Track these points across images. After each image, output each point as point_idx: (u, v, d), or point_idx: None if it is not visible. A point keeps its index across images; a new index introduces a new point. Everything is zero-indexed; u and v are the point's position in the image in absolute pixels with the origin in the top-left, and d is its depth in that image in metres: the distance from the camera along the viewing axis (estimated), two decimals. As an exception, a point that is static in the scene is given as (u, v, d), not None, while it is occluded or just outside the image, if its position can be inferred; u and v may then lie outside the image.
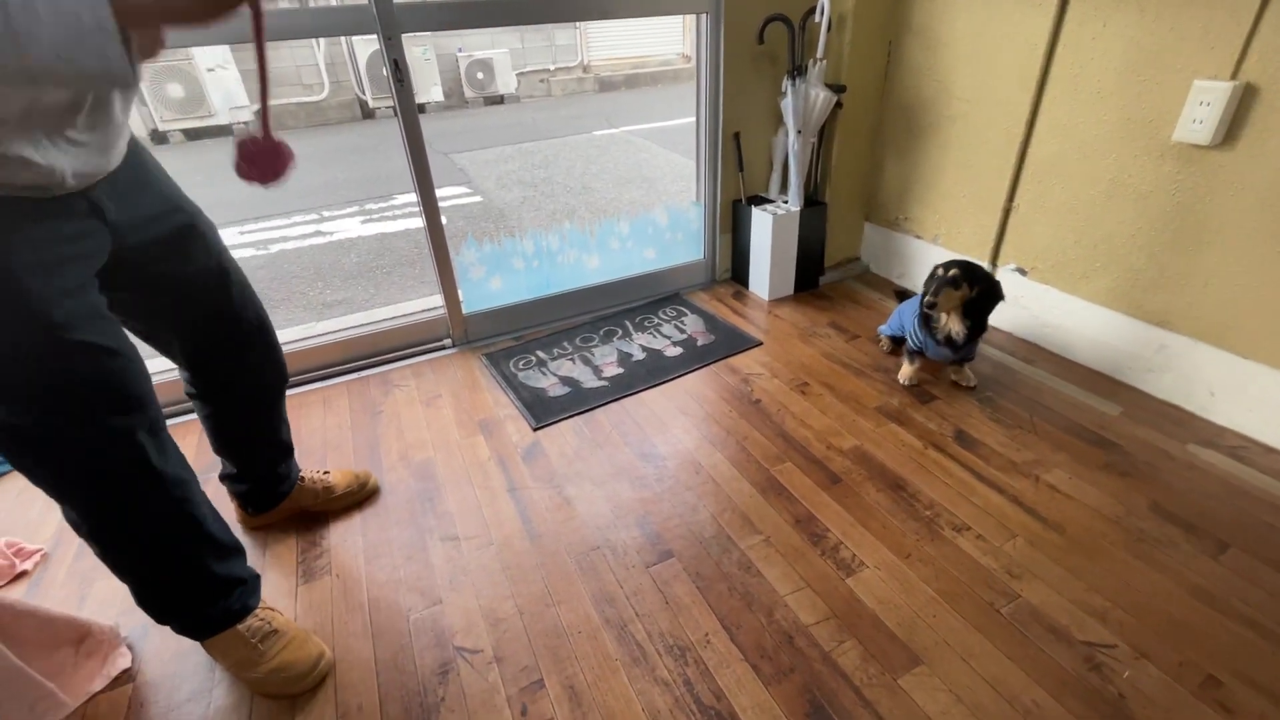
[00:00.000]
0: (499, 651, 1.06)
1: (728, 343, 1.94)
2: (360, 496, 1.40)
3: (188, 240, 0.99)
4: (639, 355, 1.91)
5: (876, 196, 2.24)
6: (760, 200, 2.17)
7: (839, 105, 1.99)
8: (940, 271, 1.51)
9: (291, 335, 1.92)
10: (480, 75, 8.01)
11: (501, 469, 1.48)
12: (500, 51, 8.02)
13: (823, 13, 1.84)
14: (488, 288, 2.03)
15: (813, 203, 2.17)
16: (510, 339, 2.04)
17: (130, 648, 1.09)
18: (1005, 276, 1.88)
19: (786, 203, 2.11)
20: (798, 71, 1.89)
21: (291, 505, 1.34)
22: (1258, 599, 1.08)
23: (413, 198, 1.81)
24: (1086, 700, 0.94)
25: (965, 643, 1.03)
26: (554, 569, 1.21)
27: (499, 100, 8.30)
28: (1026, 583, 1.13)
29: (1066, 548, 1.19)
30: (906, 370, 1.70)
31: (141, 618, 1.11)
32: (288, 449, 1.30)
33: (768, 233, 2.06)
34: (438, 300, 1.97)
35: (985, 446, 1.46)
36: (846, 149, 2.12)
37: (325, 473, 1.39)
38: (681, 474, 1.44)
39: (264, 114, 0.85)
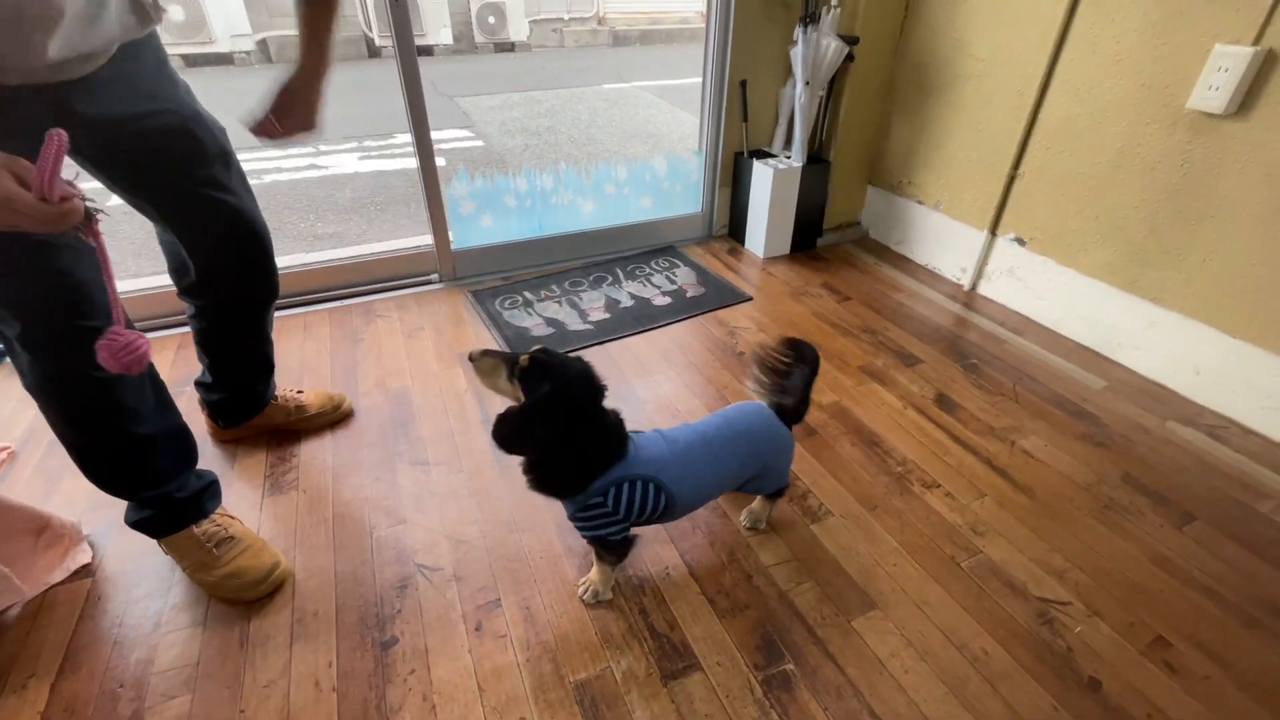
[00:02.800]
0: (459, 571, 1.07)
1: (717, 296, 1.92)
2: (333, 418, 1.40)
3: (180, 140, 0.95)
4: (627, 302, 1.89)
5: (881, 158, 2.19)
6: (763, 154, 2.12)
7: (850, 57, 1.93)
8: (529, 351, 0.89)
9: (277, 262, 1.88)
10: (492, 20, 7.77)
11: (478, 401, 1.47)
12: (514, -4, 7.77)
13: (840, -44, 1.77)
14: (478, 225, 1.99)
15: (816, 160, 2.12)
16: (498, 278, 2.01)
17: (92, 545, 1.09)
18: (1003, 246, 1.85)
19: (789, 158, 2.06)
20: (810, 18, 1.83)
21: (263, 421, 1.33)
22: (1217, 569, 1.08)
23: (408, 136, 1.75)
24: (1035, 651, 0.95)
25: (922, 591, 1.04)
26: (520, 499, 1.21)
27: (510, 47, 8.08)
28: (990, 540, 1.13)
29: (1034, 510, 1.20)
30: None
31: (105, 516, 1.12)
32: (268, 366, 1.29)
33: (768, 187, 2.02)
34: (428, 236, 1.93)
35: (965, 410, 1.45)
36: (855, 105, 2.06)
37: (299, 392, 1.38)
38: (658, 417, 1.43)
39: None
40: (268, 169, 3.55)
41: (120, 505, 1.02)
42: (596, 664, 0.93)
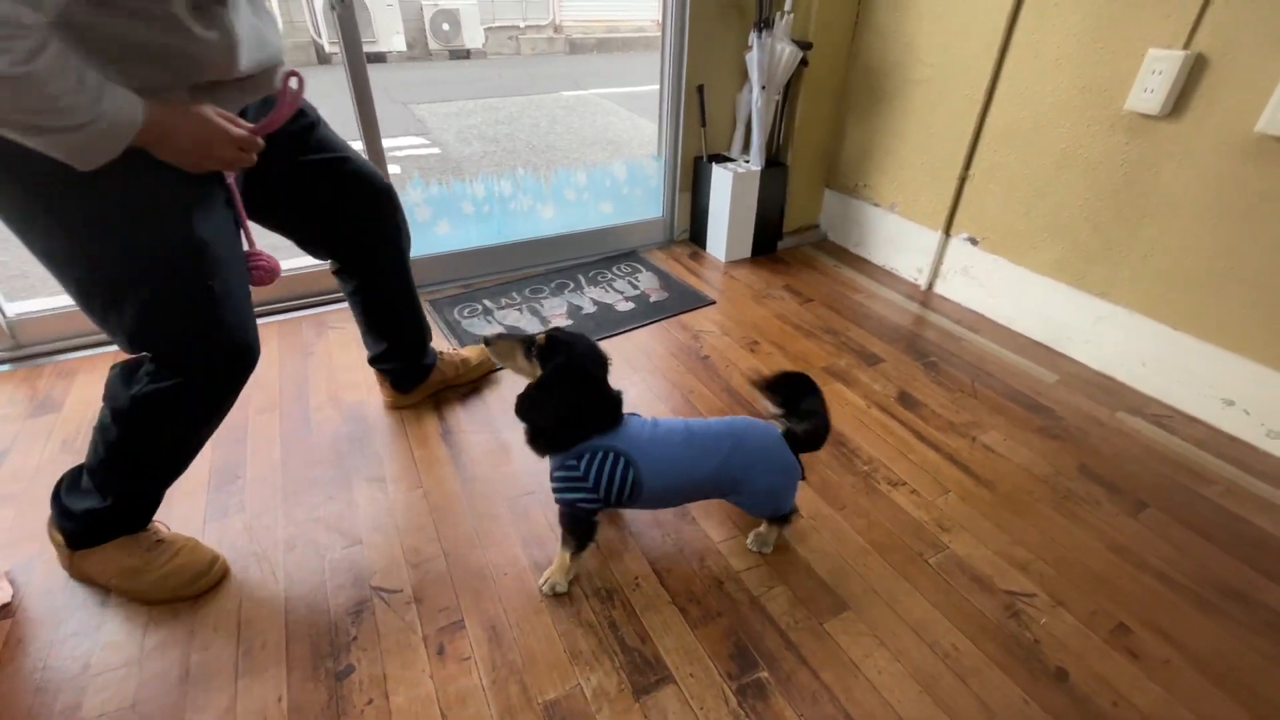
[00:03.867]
0: (419, 592, 1.02)
1: (681, 300, 1.91)
2: (490, 368, 1.53)
3: (310, 127, 1.03)
4: (589, 308, 1.86)
5: (837, 161, 2.22)
6: (722, 159, 2.13)
7: (804, 62, 1.95)
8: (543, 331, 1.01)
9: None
10: (446, 26, 7.68)
11: (436, 413, 1.42)
12: (468, 2, 7.70)
13: (792, -37, 1.79)
14: (434, 232, 1.94)
15: (774, 164, 2.13)
16: (457, 286, 1.96)
17: (12, 582, 1.01)
18: (957, 246, 1.90)
19: (748, 162, 2.07)
20: (764, 24, 1.84)
21: (437, 378, 1.43)
22: (1169, 554, 1.11)
23: (383, 144, 1.70)
24: (1003, 644, 0.96)
25: (892, 590, 1.04)
26: (484, 513, 1.17)
27: (465, 55, 7.99)
28: (955, 535, 1.14)
29: (996, 503, 1.21)
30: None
31: (26, 550, 1.04)
32: (426, 326, 1.38)
33: (727, 191, 2.02)
34: (381, 242, 1.87)
35: (926, 408, 1.47)
36: (810, 110, 2.09)
37: (455, 350, 1.52)
38: (623, 424, 1.40)
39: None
40: (211, 178, 3.40)
41: (42, 541, 0.94)
42: (566, 683, 0.89)
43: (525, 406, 0.96)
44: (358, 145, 1.37)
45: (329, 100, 1.60)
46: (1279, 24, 1.17)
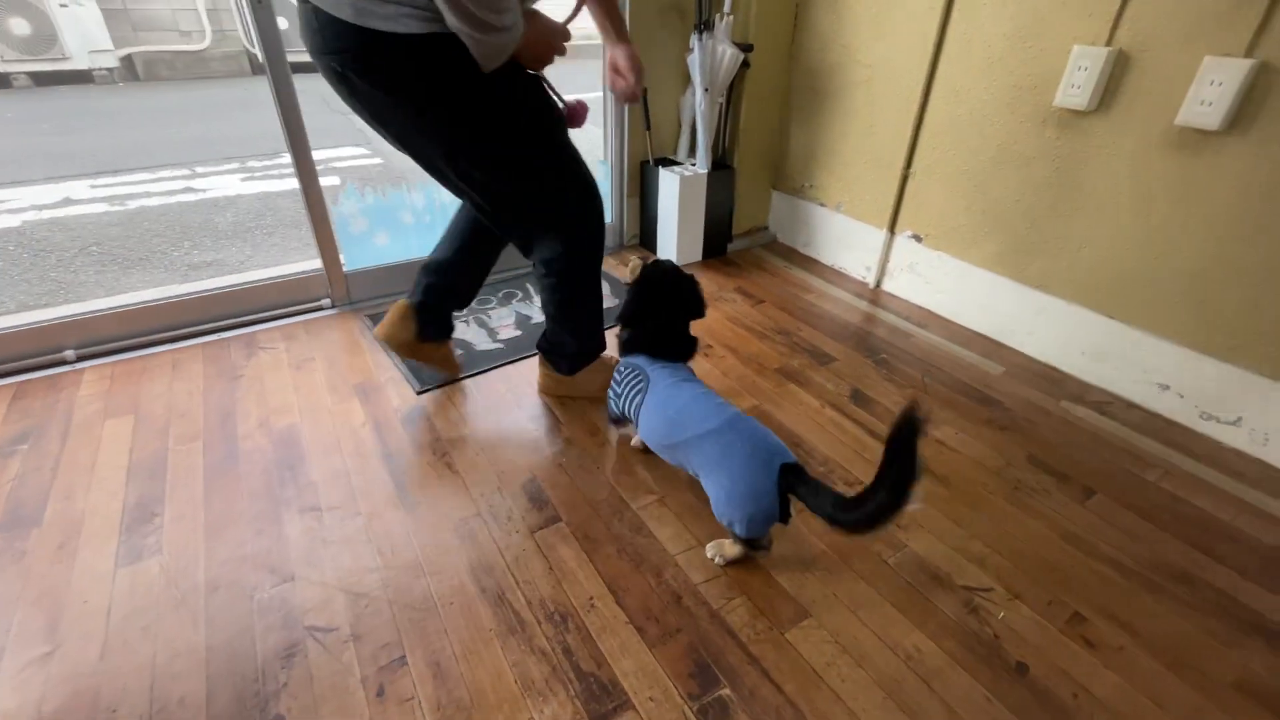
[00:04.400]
0: (357, 629, 0.95)
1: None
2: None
3: None
4: (538, 318, 1.81)
5: (783, 162, 2.23)
6: (668, 162, 2.11)
7: (746, 64, 1.95)
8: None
9: (137, 298, 1.67)
10: (387, 35, 7.50)
11: (377, 435, 1.34)
12: (409, 11, 7.53)
13: (730, -35, 1.79)
14: (372, 244, 1.86)
15: (721, 166, 2.13)
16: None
17: None
18: (902, 244, 1.92)
19: (694, 165, 2.06)
20: (705, 26, 1.83)
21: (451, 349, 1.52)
22: (1117, 539, 1.13)
23: (312, 156, 1.62)
24: (964, 642, 0.95)
25: (852, 593, 1.02)
26: (428, 539, 1.10)
27: (408, 64, 7.81)
28: (913, 533, 1.13)
29: (950, 498, 1.21)
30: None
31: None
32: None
33: (675, 195, 2.00)
34: (318, 260, 1.78)
35: (879, 405, 1.47)
36: (754, 112, 2.09)
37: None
38: (576, 436, 1.36)
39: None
40: (134, 194, 3.21)
41: None
42: (518, 717, 0.84)
43: (628, 317, 1.21)
44: (284, 158, 1.31)
45: (261, 110, 1.52)
46: (1191, 20, 1.22)
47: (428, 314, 1.36)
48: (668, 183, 2.02)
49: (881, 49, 1.79)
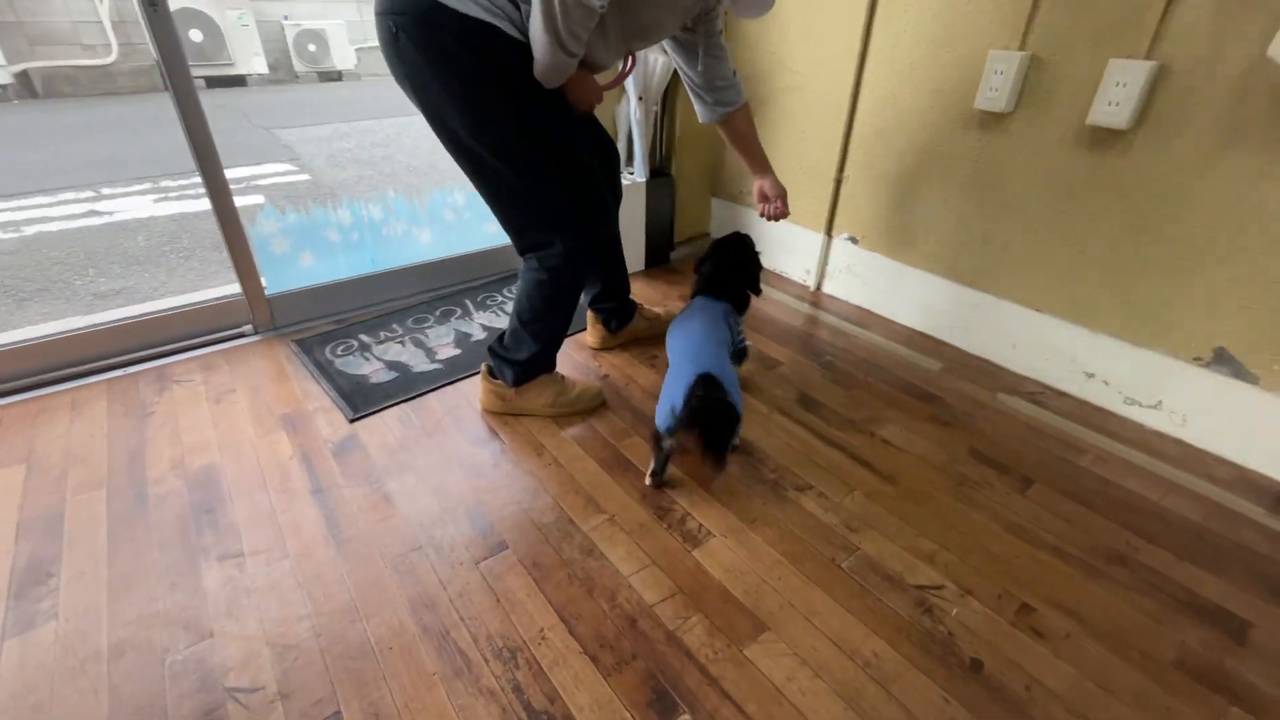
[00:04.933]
0: (285, 686, 0.87)
1: (576, 319, 1.83)
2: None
3: None
4: (479, 335, 1.75)
5: (721, 169, 2.25)
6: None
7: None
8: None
9: (32, 333, 1.52)
10: (312, 47, 7.26)
11: (306, 468, 1.26)
12: (335, 23, 7.32)
13: (657, -27, 1.78)
14: (296, 265, 1.76)
15: (660, 175, 2.12)
16: (329, 322, 1.78)
17: None
18: (840, 246, 1.95)
19: (632, 173, 2.04)
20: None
21: (635, 327, 1.69)
22: (1058, 527, 1.16)
23: (224, 173, 1.51)
24: (919, 643, 0.95)
25: (809, 601, 1.01)
26: (364, 578, 1.03)
27: (336, 76, 7.59)
28: (864, 535, 1.13)
29: (899, 497, 1.22)
30: None
31: None
32: (628, 274, 1.65)
33: (614, 204, 1.97)
34: (237, 284, 1.67)
35: (826, 408, 1.48)
36: (690, 119, 2.09)
37: (648, 306, 1.75)
38: (521, 458, 1.31)
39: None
40: (31, 218, 2.97)
41: None
42: (465, 767, 0.79)
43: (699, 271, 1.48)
44: (195, 179, 1.22)
45: (174, 127, 1.40)
46: (1096, 25, 1.27)
47: (605, 313, 1.64)
48: (606, 192, 1.99)
49: (809, 56, 1.82)
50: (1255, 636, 0.97)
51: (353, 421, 1.40)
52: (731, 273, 1.43)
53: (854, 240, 1.91)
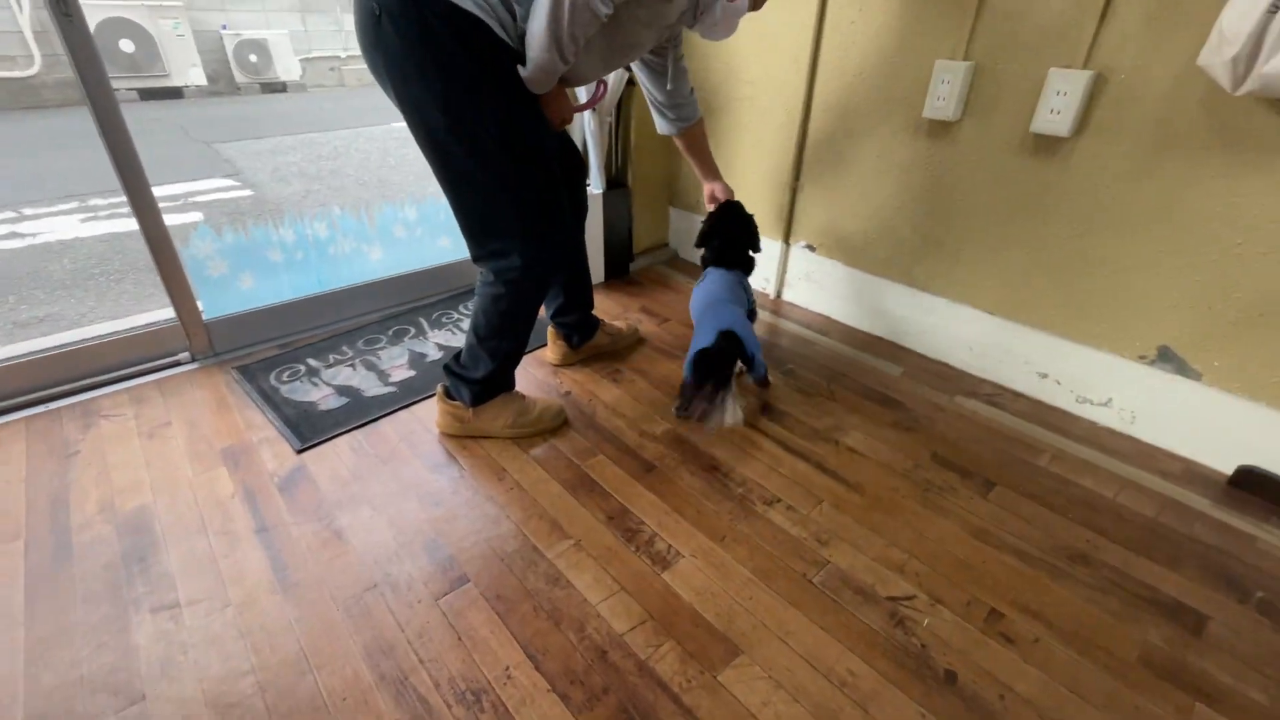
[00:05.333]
0: (227, 749, 0.80)
1: (536, 334, 1.78)
2: (636, 339, 1.76)
3: None
4: (435, 355, 1.69)
5: (678, 179, 2.24)
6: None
7: (632, 83, 1.93)
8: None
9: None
10: (253, 58, 7.01)
11: (249, 506, 1.18)
12: (278, 33, 7.09)
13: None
14: (236, 288, 1.67)
15: (617, 185, 2.09)
16: (274, 346, 1.69)
17: None
18: (798, 254, 1.96)
19: (589, 185, 2.01)
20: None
21: (598, 339, 1.66)
22: (1020, 529, 1.17)
23: (158, 190, 1.43)
24: (894, 658, 0.94)
25: (782, 621, 0.99)
26: (314, 624, 0.97)
27: (281, 88, 7.34)
28: (834, 548, 1.12)
29: (867, 506, 1.22)
30: None
31: None
32: (591, 288, 1.63)
33: (571, 216, 1.94)
34: (170, 308, 1.57)
35: (791, 417, 1.47)
36: (645, 130, 2.07)
37: (610, 321, 1.72)
38: (482, 483, 1.25)
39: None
40: (-61, 244, 2.76)
41: None
42: (428, 826, 0.73)
43: (703, 238, 1.59)
44: (119, 197, 1.14)
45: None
46: (1035, 35, 1.31)
47: (567, 328, 1.61)
48: (563, 204, 1.95)
49: (763, 66, 1.83)
50: (1212, 629, 0.99)
51: (300, 452, 1.32)
52: (738, 244, 1.56)
53: (811, 248, 1.92)
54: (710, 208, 1.61)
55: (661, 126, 1.48)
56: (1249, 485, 1.27)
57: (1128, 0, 1.18)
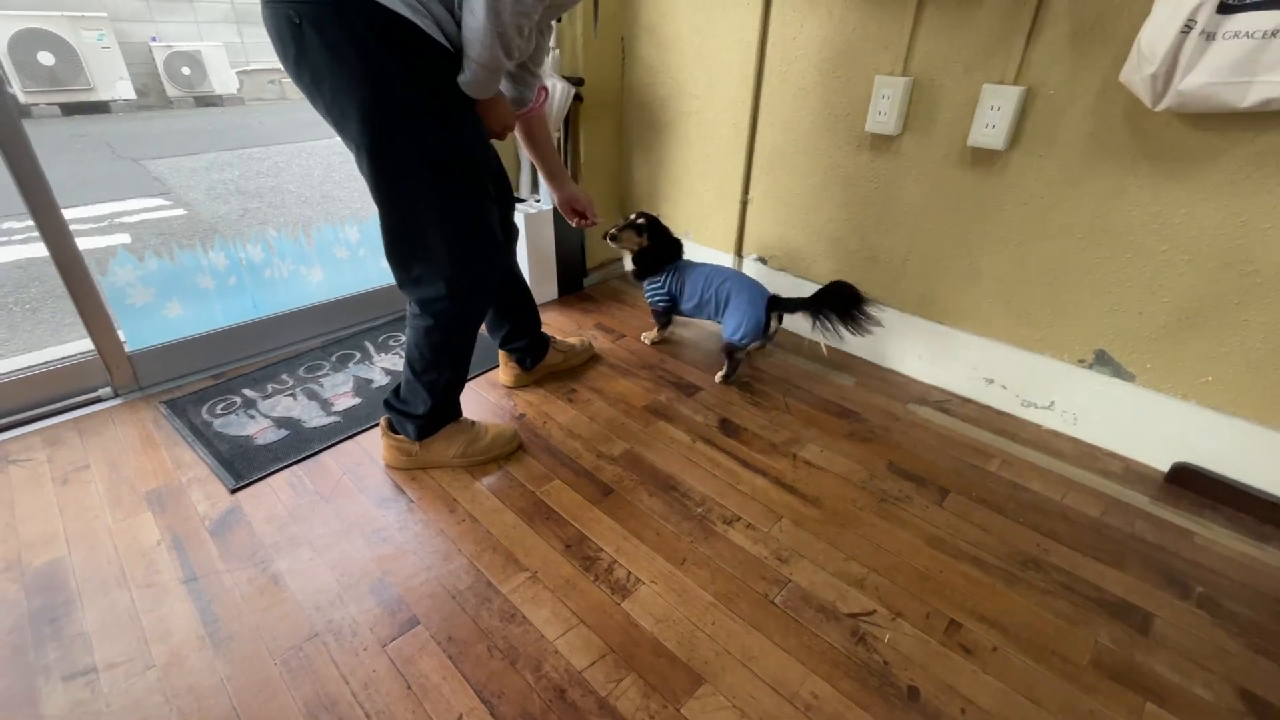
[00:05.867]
0: (148, 831, 0.73)
1: (488, 355, 1.74)
2: (589, 355, 1.74)
3: None
4: (381, 380, 1.62)
5: (629, 193, 2.23)
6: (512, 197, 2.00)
7: (579, 98, 1.91)
8: (630, 218, 1.72)
9: None
10: (186, 70, 6.74)
11: (176, 554, 1.10)
12: (212, 45, 6.83)
13: (550, -1, 1.74)
14: (161, 317, 1.57)
15: (567, 201, 2.06)
16: (206, 378, 1.60)
17: None
18: (750, 267, 1.97)
19: (539, 201, 1.98)
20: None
21: (551, 358, 1.62)
22: (975, 535, 1.19)
23: (78, 211, 1.33)
24: (857, 677, 0.93)
25: (744, 646, 0.97)
26: (249, 681, 0.90)
27: (216, 101, 7.07)
28: (794, 565, 1.11)
29: (825, 521, 1.21)
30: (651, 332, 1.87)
31: None
32: (537, 310, 1.57)
33: (521, 233, 1.90)
34: (87, 341, 1.46)
35: (748, 432, 1.47)
36: (594, 145, 2.06)
37: (562, 338, 1.69)
38: (432, 516, 1.20)
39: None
40: None
41: None
42: None
43: (647, 256, 1.72)
44: (26, 222, 1.05)
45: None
46: (969, 52, 1.34)
47: (518, 352, 1.57)
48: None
49: (709, 80, 1.83)
50: (1157, 627, 1.02)
51: (235, 491, 1.24)
52: (672, 242, 1.74)
53: (763, 260, 1.93)
54: (573, 221, 1.56)
55: (507, 90, 1.27)
56: (1184, 481, 1.32)
57: (1054, 19, 1.22)
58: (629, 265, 1.76)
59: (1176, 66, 1.04)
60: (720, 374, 1.65)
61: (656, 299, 1.74)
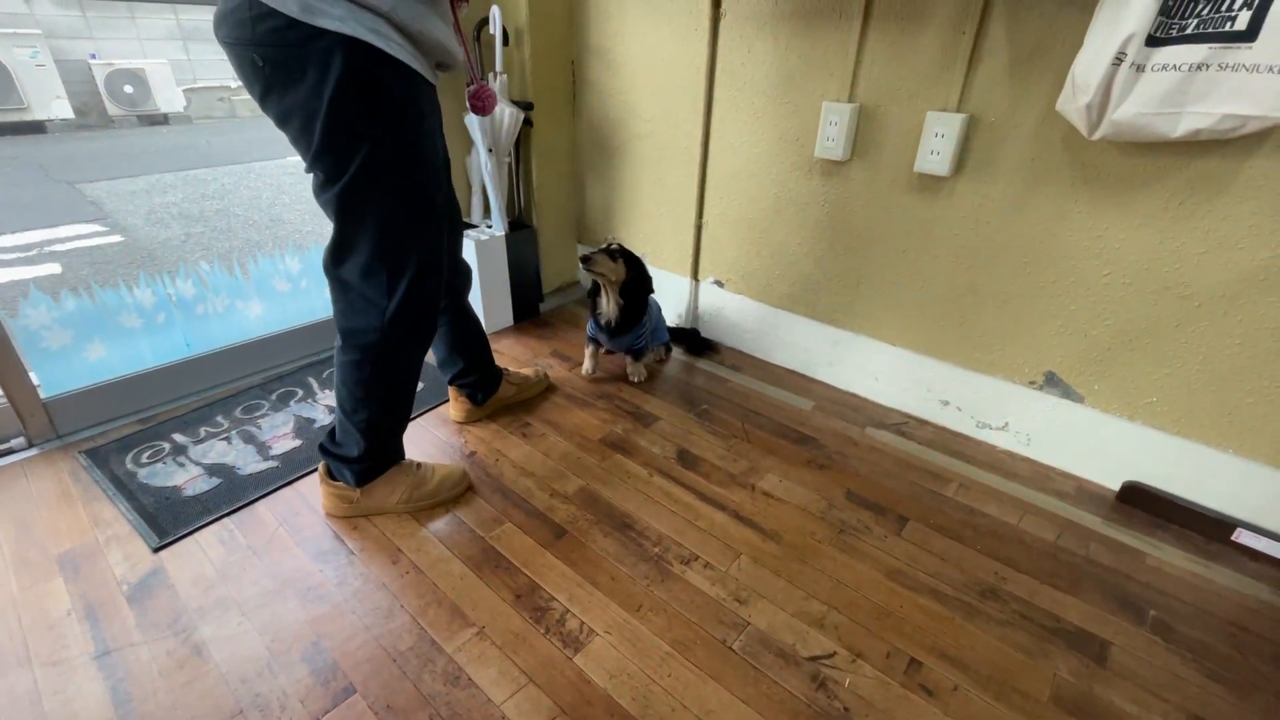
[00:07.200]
0: None
1: (437, 389, 1.68)
2: (544, 386, 1.68)
3: None
4: (325, 419, 1.55)
5: (584, 217, 2.20)
6: (464, 226, 1.95)
7: (529, 122, 1.88)
8: (605, 245, 1.61)
9: None
10: (129, 89, 6.50)
11: (88, 625, 1.01)
12: (156, 62, 6.61)
13: (495, 24, 1.71)
14: (82, 360, 1.47)
15: (521, 226, 2.03)
16: (134, 422, 1.50)
17: None
18: (707, 290, 1.95)
19: (491, 227, 1.93)
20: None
21: (504, 391, 1.56)
22: (933, 565, 1.18)
23: (2, 240, 1.23)
24: (817, 728, 0.90)
25: (701, 698, 0.93)
26: (162, 769, 0.82)
27: (162, 120, 6.83)
28: (753, 606, 1.08)
29: (784, 556, 1.19)
30: (586, 363, 1.77)
31: None
32: (489, 346, 1.51)
33: (473, 259, 1.85)
34: (-4, 385, 1.36)
35: (706, 463, 1.44)
36: (546, 169, 2.02)
37: (515, 370, 1.63)
38: (373, 569, 1.14)
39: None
40: None
41: None
42: None
43: (636, 289, 1.62)
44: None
45: None
46: (912, 79, 1.35)
47: (469, 388, 1.51)
48: (464, 248, 1.86)
49: (660, 105, 1.82)
50: (1115, 656, 1.02)
51: (158, 550, 1.16)
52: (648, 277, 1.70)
53: (720, 284, 1.92)
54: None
55: None
56: (1135, 500, 1.33)
57: (993, 47, 1.24)
58: (610, 314, 1.61)
59: (1110, 97, 1.06)
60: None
61: (660, 333, 1.80)
